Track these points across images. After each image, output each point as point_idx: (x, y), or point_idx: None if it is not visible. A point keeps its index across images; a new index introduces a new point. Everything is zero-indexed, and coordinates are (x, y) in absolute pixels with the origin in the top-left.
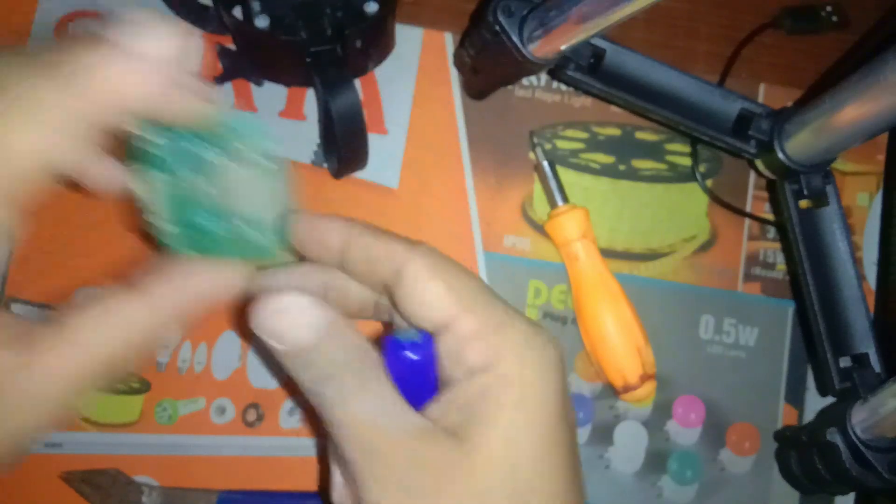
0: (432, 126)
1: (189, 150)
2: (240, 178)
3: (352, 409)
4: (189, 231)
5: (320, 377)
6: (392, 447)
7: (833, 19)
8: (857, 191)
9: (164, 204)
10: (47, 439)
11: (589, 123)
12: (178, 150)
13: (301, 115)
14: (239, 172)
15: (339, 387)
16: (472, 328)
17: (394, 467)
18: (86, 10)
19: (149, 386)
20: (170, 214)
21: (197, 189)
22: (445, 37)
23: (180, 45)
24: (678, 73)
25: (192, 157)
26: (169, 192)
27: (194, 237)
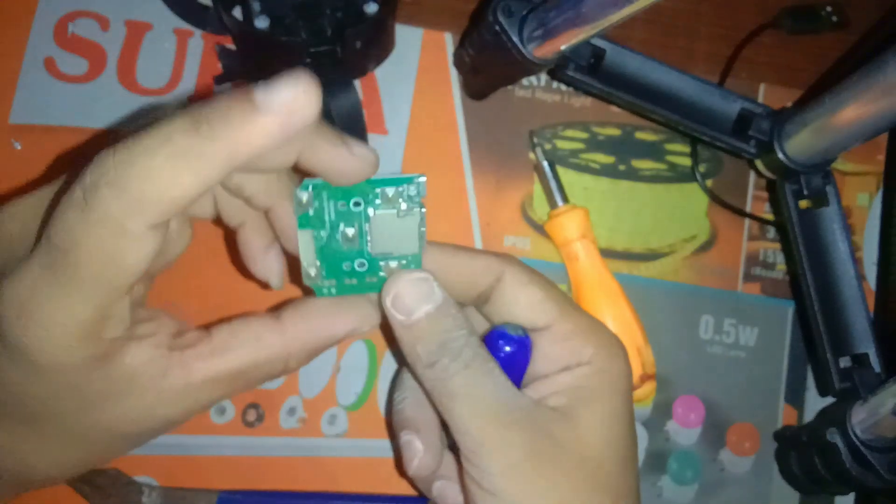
0: (432, 126)
1: (334, 202)
2: (383, 222)
3: (470, 380)
4: (339, 279)
5: (440, 346)
6: (513, 416)
7: (833, 19)
8: (857, 191)
9: (314, 256)
10: None
11: (589, 123)
12: (324, 204)
13: None
14: (383, 218)
15: (457, 356)
16: (569, 329)
17: (515, 435)
18: (86, 10)
19: None
20: (321, 266)
21: (344, 239)
22: (445, 37)
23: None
24: (678, 73)
25: (339, 211)
26: (318, 244)
27: (342, 285)
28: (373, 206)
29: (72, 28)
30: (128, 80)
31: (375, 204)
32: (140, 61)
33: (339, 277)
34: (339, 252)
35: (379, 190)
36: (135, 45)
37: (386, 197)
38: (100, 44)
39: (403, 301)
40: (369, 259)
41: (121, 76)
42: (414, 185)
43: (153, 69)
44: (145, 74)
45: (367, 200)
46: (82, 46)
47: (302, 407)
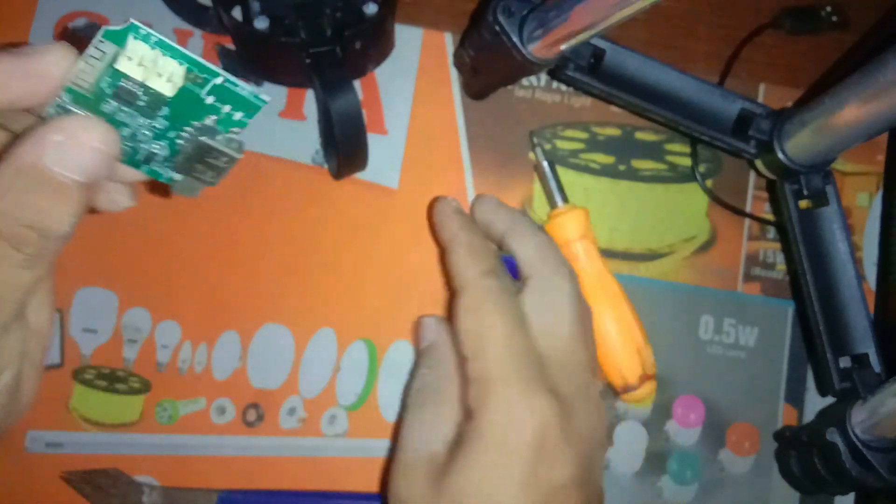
0: (432, 126)
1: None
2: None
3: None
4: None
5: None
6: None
7: (833, 19)
8: (857, 191)
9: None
10: (47, 439)
11: (589, 123)
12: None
13: (301, 115)
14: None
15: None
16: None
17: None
18: (86, 10)
19: (149, 386)
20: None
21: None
22: (445, 37)
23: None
24: (678, 73)
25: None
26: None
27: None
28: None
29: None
30: None
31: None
32: None
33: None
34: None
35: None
36: None
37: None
38: None
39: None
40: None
41: None
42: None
43: None
44: None
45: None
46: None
47: (302, 407)
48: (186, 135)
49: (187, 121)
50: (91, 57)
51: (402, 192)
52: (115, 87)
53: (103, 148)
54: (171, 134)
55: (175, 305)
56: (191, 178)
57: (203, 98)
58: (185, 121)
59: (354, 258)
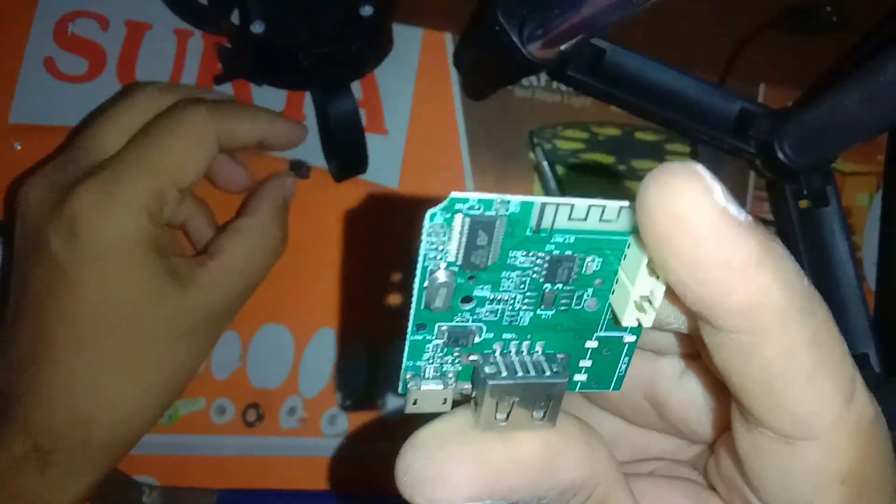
0: (432, 126)
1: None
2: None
3: None
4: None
5: None
6: None
7: (833, 19)
8: (857, 191)
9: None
10: None
11: (589, 123)
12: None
13: (301, 116)
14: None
15: None
16: None
17: None
18: (86, 9)
19: None
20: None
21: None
22: (445, 37)
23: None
24: (678, 73)
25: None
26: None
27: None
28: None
29: (72, 28)
30: (128, 80)
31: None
32: (140, 61)
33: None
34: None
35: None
36: (135, 45)
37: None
38: (100, 44)
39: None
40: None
41: (121, 76)
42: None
43: (153, 69)
44: (145, 74)
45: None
46: (82, 46)
47: (302, 407)
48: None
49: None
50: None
51: (401, 191)
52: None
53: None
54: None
55: None
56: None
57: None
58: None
59: (355, 258)
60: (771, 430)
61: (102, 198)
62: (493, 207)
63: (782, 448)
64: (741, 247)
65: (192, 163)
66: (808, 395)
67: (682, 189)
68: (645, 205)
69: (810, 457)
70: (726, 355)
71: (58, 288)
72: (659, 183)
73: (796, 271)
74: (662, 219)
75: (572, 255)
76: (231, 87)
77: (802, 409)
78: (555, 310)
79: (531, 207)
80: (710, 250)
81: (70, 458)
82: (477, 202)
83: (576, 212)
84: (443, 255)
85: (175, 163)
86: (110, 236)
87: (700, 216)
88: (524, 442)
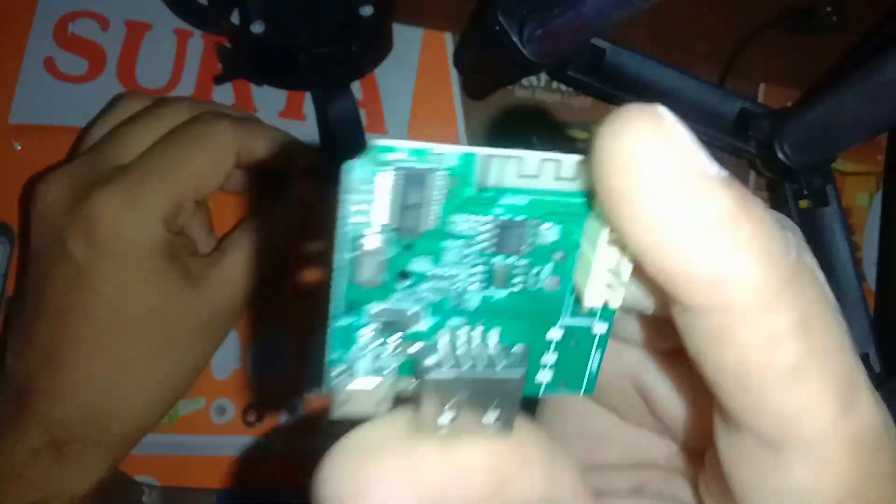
0: (432, 126)
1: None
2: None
3: None
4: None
5: None
6: None
7: (833, 19)
8: (857, 191)
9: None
10: None
11: (589, 123)
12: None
13: (301, 116)
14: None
15: None
16: None
17: None
18: (86, 9)
19: None
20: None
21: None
22: (445, 37)
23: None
24: (678, 73)
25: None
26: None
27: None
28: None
29: (72, 28)
30: (128, 80)
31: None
32: (140, 61)
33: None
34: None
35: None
36: (135, 45)
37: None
38: (100, 44)
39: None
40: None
41: (121, 76)
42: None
43: (153, 69)
44: (145, 74)
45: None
46: (82, 46)
47: (303, 406)
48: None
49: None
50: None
51: None
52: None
53: None
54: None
55: None
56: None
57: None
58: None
59: None
60: (752, 433)
61: (123, 202)
62: (426, 158)
63: (768, 459)
64: (709, 204)
65: (213, 175)
66: (792, 395)
67: (638, 133)
68: (596, 153)
69: (799, 472)
70: (697, 340)
71: (76, 287)
72: (612, 127)
73: (781, 239)
74: (615, 169)
75: (523, 221)
76: (231, 87)
77: (786, 411)
78: (508, 290)
79: (472, 160)
80: (670, 207)
81: (85, 450)
82: (407, 152)
83: (526, 166)
84: (367, 218)
85: (197, 174)
86: (127, 241)
87: (658, 165)
88: (470, 452)
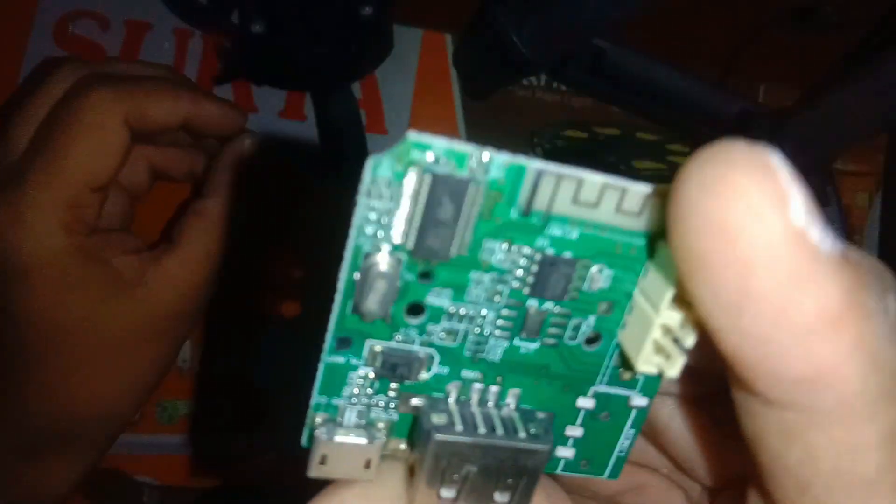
0: (432, 126)
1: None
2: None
3: None
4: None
5: None
6: None
7: (833, 19)
8: (857, 191)
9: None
10: None
11: (589, 123)
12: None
13: (301, 116)
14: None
15: None
16: None
17: None
18: (86, 9)
19: None
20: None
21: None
22: (445, 37)
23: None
24: (678, 73)
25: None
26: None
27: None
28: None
29: (72, 28)
30: None
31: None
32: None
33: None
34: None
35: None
36: (135, 45)
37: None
38: (100, 44)
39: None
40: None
41: None
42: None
43: None
44: None
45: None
46: (83, 46)
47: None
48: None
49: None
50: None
51: None
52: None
53: None
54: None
55: None
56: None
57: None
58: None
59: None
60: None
61: (12, 220)
62: (467, 165)
63: None
64: (816, 293)
65: (102, 159)
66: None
67: (743, 189)
68: (680, 200)
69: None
70: (759, 429)
71: (12, 299)
72: (705, 170)
73: (890, 339)
74: (703, 229)
75: (573, 259)
76: (231, 88)
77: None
78: (539, 342)
79: (522, 174)
80: (765, 291)
81: (55, 452)
82: (445, 153)
83: (583, 190)
84: (386, 231)
85: (81, 165)
86: (30, 258)
87: (762, 234)
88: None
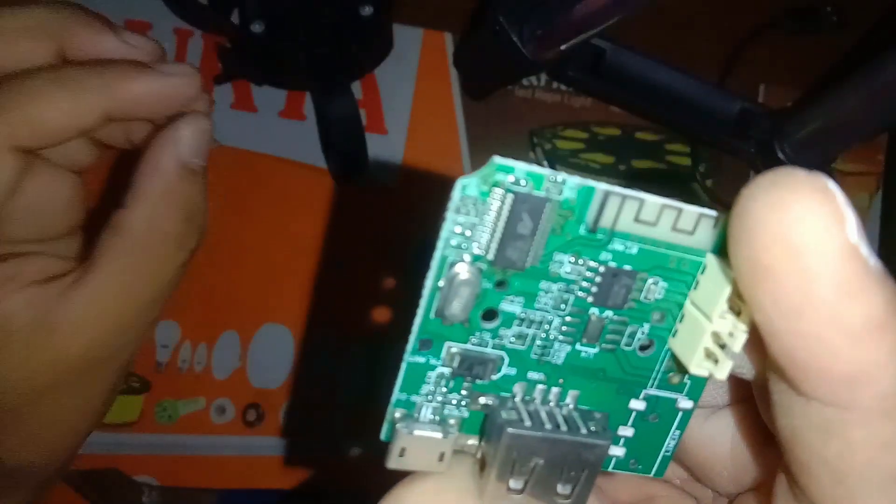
0: (432, 126)
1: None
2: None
3: None
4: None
5: None
6: None
7: (833, 19)
8: (857, 191)
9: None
10: None
11: (589, 123)
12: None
13: (301, 115)
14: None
15: None
16: None
17: None
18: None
19: (149, 386)
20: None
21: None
22: (445, 37)
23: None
24: (678, 73)
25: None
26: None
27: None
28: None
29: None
30: None
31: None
32: None
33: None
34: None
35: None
36: None
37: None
38: None
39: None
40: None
41: None
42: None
43: None
44: None
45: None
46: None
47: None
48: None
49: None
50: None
51: (401, 191)
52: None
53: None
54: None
55: (175, 305)
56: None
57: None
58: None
59: (354, 257)
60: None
61: None
62: (544, 186)
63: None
64: (866, 301)
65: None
66: (891, 501)
67: (806, 209)
68: (747, 219)
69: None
70: (798, 424)
71: None
72: (772, 193)
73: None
74: (769, 243)
75: (633, 272)
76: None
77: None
78: (598, 347)
79: (591, 195)
80: (824, 298)
81: (4, 494)
82: (525, 175)
83: (644, 210)
84: (468, 243)
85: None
86: None
87: (822, 250)
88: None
